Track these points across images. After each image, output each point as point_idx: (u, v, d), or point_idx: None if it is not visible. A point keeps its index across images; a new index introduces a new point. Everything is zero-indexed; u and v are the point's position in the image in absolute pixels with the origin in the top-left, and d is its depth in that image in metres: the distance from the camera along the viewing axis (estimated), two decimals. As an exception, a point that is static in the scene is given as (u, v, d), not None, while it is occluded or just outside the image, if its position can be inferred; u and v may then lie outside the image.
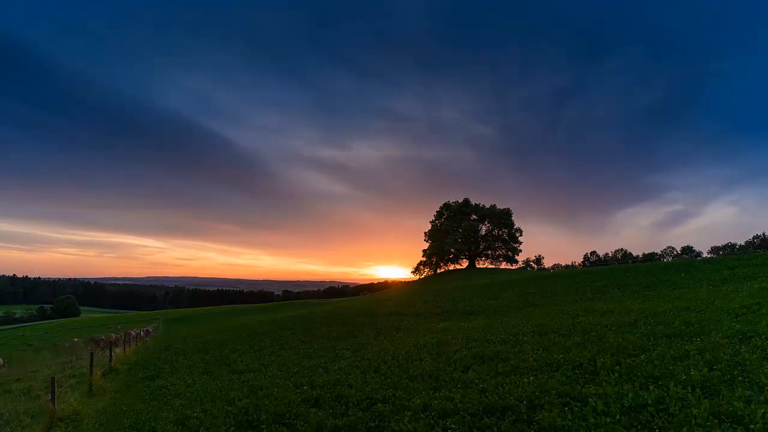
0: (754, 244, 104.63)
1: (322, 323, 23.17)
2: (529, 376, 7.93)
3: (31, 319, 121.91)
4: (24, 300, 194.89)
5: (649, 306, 14.72)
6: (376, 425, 6.51)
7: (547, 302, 21.28)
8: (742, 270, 21.55)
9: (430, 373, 9.21)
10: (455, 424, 6.07)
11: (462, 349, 11.28)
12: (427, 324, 18.78)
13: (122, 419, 8.71)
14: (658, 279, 23.20)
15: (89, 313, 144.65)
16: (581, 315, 14.65)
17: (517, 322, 15.20)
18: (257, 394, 9.22)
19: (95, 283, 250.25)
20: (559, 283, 29.31)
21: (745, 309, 11.26)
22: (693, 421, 5.04)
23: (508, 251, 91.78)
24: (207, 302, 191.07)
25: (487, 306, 22.90)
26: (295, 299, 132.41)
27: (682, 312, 12.23)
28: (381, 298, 44.58)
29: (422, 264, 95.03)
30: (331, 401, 8.00)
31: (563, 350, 9.59)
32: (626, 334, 10.25)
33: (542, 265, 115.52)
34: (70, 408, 9.78)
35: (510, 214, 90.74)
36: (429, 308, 24.71)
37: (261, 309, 64.69)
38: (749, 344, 7.84)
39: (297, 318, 29.48)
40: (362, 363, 11.30)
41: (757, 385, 5.84)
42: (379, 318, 22.59)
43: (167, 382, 12.28)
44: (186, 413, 8.40)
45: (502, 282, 37.70)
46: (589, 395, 6.40)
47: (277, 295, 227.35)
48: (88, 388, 12.12)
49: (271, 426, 7.07)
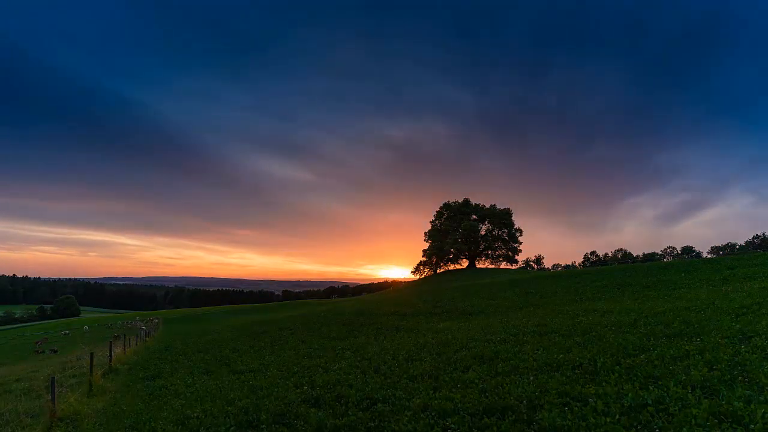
0: (754, 244, 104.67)
1: (322, 323, 23.17)
2: (529, 376, 7.94)
3: (31, 319, 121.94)
4: (24, 300, 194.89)
5: (649, 306, 14.73)
6: (376, 425, 6.51)
7: (547, 302, 21.28)
8: (742, 270, 21.56)
9: (430, 373, 9.22)
10: (455, 424, 6.07)
11: (462, 349, 11.28)
12: (427, 324, 18.78)
13: (122, 419, 8.71)
14: (658, 279, 23.21)
15: (89, 313, 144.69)
16: (581, 315, 14.66)
17: (517, 322, 15.20)
18: (257, 394, 9.22)
19: (95, 283, 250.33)
20: (559, 283, 29.32)
21: (745, 309, 11.26)
22: (693, 421, 5.04)
23: (508, 251, 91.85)
24: (207, 302, 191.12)
25: (487, 306, 22.91)
26: (295, 299, 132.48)
27: (682, 312, 12.23)
28: (381, 298, 44.59)
29: (422, 264, 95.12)
30: (331, 401, 8.00)
31: (563, 350, 9.59)
32: (626, 334, 10.25)
33: (542, 265, 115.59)
34: (70, 408, 9.78)
35: (510, 214, 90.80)
36: (429, 308, 24.72)
37: (261, 309, 64.70)
38: (749, 344, 7.85)
39: (297, 318, 29.48)
40: (362, 363, 11.30)
41: (757, 385, 5.84)
42: (379, 318, 22.59)
43: (167, 382, 12.28)
44: (186, 413, 8.40)
45: (502, 282, 37.71)
46: (589, 395, 6.40)
47: (277, 295, 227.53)
48: (89, 388, 12.11)
49: (271, 426, 7.07)
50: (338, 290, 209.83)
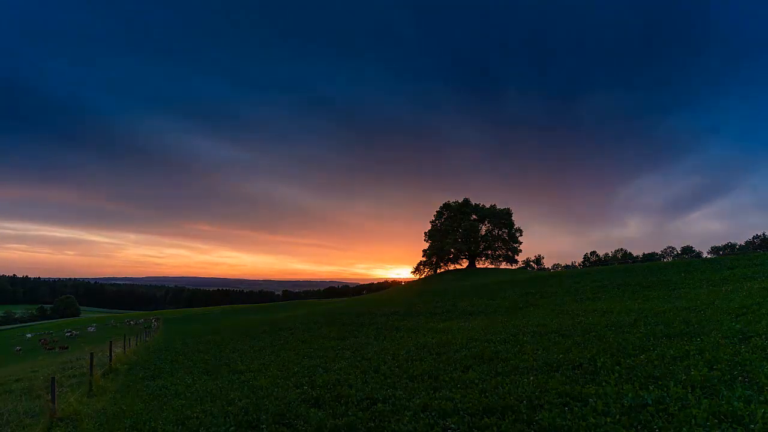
0: (754, 244, 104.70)
1: (322, 323, 23.16)
2: (529, 376, 7.94)
3: (31, 319, 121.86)
4: (24, 300, 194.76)
5: (649, 306, 14.73)
6: (376, 425, 6.51)
7: (547, 302, 21.28)
8: (741, 270, 21.55)
9: (430, 373, 9.22)
10: (455, 424, 6.07)
11: (462, 349, 11.28)
12: (428, 324, 18.78)
13: (122, 419, 8.70)
14: (658, 279, 23.20)
15: (89, 313, 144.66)
16: (581, 315, 14.66)
17: (517, 322, 15.20)
18: (257, 394, 9.21)
19: (95, 283, 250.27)
20: (559, 283, 29.31)
21: (745, 309, 11.26)
22: (693, 421, 5.04)
23: (508, 251, 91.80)
24: (207, 302, 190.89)
25: (487, 306, 22.91)
26: (295, 299, 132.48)
27: (682, 312, 12.23)
28: (381, 298, 44.58)
29: (422, 264, 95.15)
30: (331, 401, 8.00)
31: (563, 350, 9.59)
32: (626, 334, 10.26)
33: (542, 265, 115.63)
34: (70, 408, 9.77)
35: (510, 214, 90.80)
36: (429, 308, 24.72)
37: (261, 309, 64.70)
38: (749, 344, 7.85)
39: (297, 318, 29.48)
40: (362, 363, 11.29)
41: (757, 385, 5.84)
42: (379, 318, 22.59)
43: (167, 382, 12.27)
44: (186, 413, 8.39)
45: (503, 282, 37.69)
46: (589, 395, 6.40)
47: (277, 295, 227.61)
48: (89, 388, 12.10)
49: (271, 426, 7.06)
50: (338, 290, 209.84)
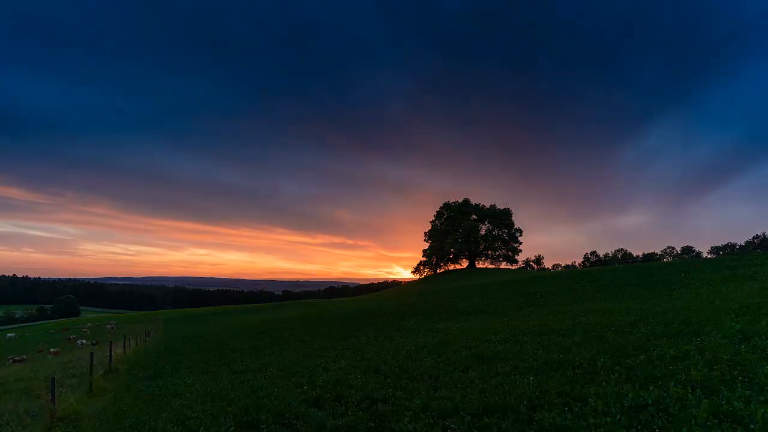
0: (754, 244, 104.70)
1: (322, 323, 23.17)
2: (529, 376, 7.94)
3: (31, 319, 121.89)
4: (24, 300, 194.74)
5: (649, 306, 14.73)
6: (376, 425, 6.50)
7: (547, 302, 21.28)
8: (742, 270, 21.55)
9: (430, 373, 9.21)
10: (455, 424, 6.07)
11: (462, 349, 11.28)
12: (427, 324, 18.78)
13: (122, 419, 8.70)
14: (658, 279, 23.20)
15: (89, 313, 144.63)
16: (581, 315, 14.66)
17: (517, 322, 15.20)
18: (257, 394, 9.21)
19: (95, 283, 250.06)
20: (559, 283, 29.31)
21: (745, 309, 11.26)
22: (693, 421, 5.04)
23: (508, 251, 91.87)
24: (207, 302, 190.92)
25: (487, 306, 22.91)
26: (295, 299, 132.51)
27: (682, 312, 12.23)
28: (381, 298, 44.58)
29: (422, 264, 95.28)
30: (331, 401, 8.00)
31: (563, 350, 9.59)
32: (626, 334, 10.25)
33: (542, 265, 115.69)
34: (70, 408, 9.77)
35: (510, 214, 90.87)
36: (429, 308, 24.72)
37: (261, 309, 64.68)
38: (749, 344, 7.84)
39: (297, 318, 29.48)
40: (362, 363, 11.29)
41: (757, 385, 5.84)
42: (379, 318, 22.59)
43: (167, 382, 12.27)
44: (186, 413, 8.39)
45: (502, 282, 37.69)
46: (589, 395, 6.40)
47: (277, 294, 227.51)
48: (89, 388, 12.10)
49: (271, 426, 7.06)
50: (338, 290, 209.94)
